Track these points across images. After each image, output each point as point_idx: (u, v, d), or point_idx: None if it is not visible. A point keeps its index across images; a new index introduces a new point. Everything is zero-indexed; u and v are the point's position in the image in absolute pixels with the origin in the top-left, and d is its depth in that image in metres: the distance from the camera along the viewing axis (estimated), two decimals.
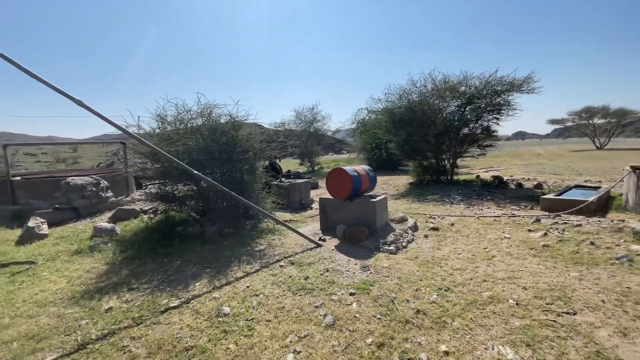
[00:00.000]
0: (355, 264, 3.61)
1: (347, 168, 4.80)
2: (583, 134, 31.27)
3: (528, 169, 14.24)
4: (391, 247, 4.01)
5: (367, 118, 18.39)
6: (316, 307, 2.65)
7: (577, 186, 7.17)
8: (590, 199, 5.60)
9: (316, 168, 20.33)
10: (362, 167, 5.16)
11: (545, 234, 4.37)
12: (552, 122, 33.32)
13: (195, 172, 3.83)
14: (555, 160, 18.06)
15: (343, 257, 3.85)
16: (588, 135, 30.44)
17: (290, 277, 3.30)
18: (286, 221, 5.73)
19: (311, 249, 4.20)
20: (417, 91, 9.90)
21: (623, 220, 4.80)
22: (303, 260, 3.75)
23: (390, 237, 4.28)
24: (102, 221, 5.75)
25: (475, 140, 10.12)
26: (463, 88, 9.35)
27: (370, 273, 3.35)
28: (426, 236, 4.66)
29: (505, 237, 4.40)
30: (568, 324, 2.25)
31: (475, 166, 16.21)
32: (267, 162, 9.00)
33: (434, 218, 5.73)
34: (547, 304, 2.54)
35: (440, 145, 10.29)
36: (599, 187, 6.80)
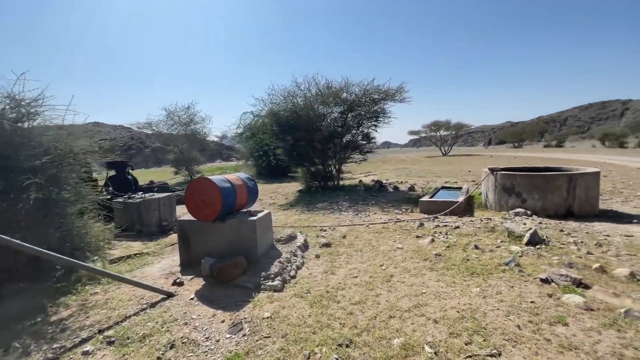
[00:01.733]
0: (222, 321, 2.43)
1: (216, 178, 3.56)
2: (432, 142, 38.66)
3: (398, 172, 15.94)
4: (276, 283, 3.00)
5: (253, 122, 17.21)
6: None
7: (443, 187, 7.98)
8: (459, 199, 6.07)
9: (196, 177, 17.79)
10: (238, 176, 4.01)
11: (433, 240, 4.23)
12: (411, 133, 40.09)
13: None
14: (416, 165, 21.14)
15: (205, 310, 2.61)
16: (435, 144, 37.77)
17: None
18: (134, 255, 4.02)
19: (157, 302, 2.78)
20: (302, 94, 9.42)
21: (490, 219, 5.22)
22: (133, 332, 2.31)
23: (275, 267, 3.27)
24: None
25: (357, 147, 10.37)
26: (345, 95, 9.40)
27: (244, 335, 2.24)
28: (318, 256, 3.88)
29: (397, 248, 4.04)
30: None
31: (356, 171, 17.22)
32: (109, 171, 6.73)
33: (324, 230, 5.08)
34: (466, 344, 2.00)
35: (327, 151, 10.11)
36: (461, 188, 7.70)
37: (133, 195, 5.69)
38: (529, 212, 5.44)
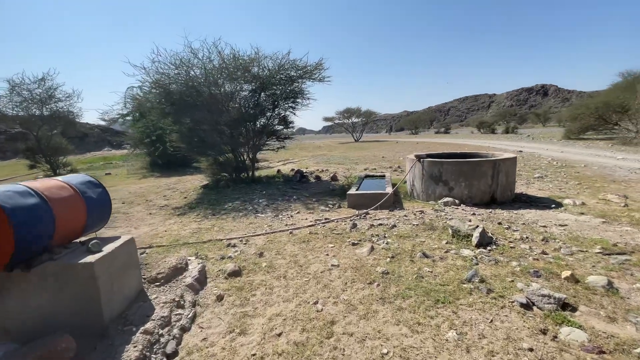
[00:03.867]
0: None
1: (4, 188, 1.85)
2: (345, 129, 39.81)
3: (317, 160, 15.30)
4: None
5: (144, 98, 13.91)
6: None
7: (367, 176, 7.43)
8: (387, 190, 5.46)
9: (66, 172, 13.68)
10: (65, 182, 2.30)
11: (372, 248, 3.37)
12: (326, 119, 40.41)
13: None
14: (333, 151, 21.01)
15: None
16: (348, 130, 38.99)
17: None
18: None
19: None
20: (201, 65, 7.52)
21: (422, 212, 4.70)
22: None
23: (136, 346, 1.84)
24: None
25: (273, 132, 9.07)
26: (256, 69, 7.90)
27: None
28: (220, 297, 2.57)
29: (333, 265, 3.04)
30: None
31: (273, 159, 15.91)
32: None
33: (234, 246, 3.74)
34: None
35: (237, 137, 8.52)
36: (384, 176, 7.25)
37: None
38: (457, 201, 5.17)
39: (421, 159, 5.60)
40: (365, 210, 4.95)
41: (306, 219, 4.81)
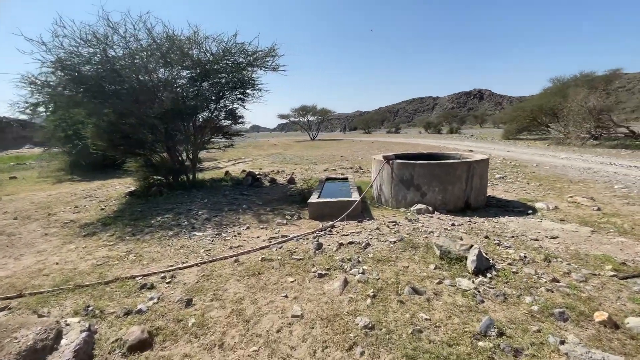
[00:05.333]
0: None
1: None
2: (301, 127, 38.90)
3: (272, 159, 14.21)
4: None
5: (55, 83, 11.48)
6: None
7: (328, 179, 6.62)
8: (354, 197, 4.70)
9: None
10: None
11: (346, 282, 2.53)
12: (281, 116, 39.01)
13: None
14: (289, 150, 20.01)
15: None
16: (304, 128, 38.15)
17: None
18: None
19: None
20: (123, 43, 6.03)
21: (395, 223, 4.00)
22: None
23: None
24: None
25: (219, 128, 7.83)
26: (196, 52, 6.63)
27: None
28: None
29: (294, 317, 2.13)
30: None
31: (222, 158, 14.43)
32: None
33: (151, 288, 2.63)
34: None
35: (174, 132, 7.14)
36: (347, 179, 6.51)
37: None
38: (430, 208, 4.59)
39: (390, 161, 4.93)
40: (330, 223, 4.11)
41: (258, 236, 3.82)
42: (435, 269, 2.72)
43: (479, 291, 2.34)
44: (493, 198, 5.38)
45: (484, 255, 2.73)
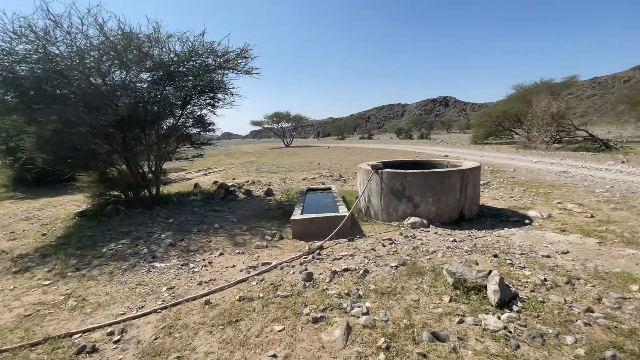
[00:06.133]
0: None
1: None
2: (275, 134, 38.14)
3: (246, 168, 13.48)
4: None
5: None
6: None
7: (310, 190, 6.11)
8: (342, 211, 4.23)
9: None
10: None
11: (349, 329, 2.04)
12: (254, 123, 38.00)
13: None
14: (263, 158, 19.28)
15: None
16: (278, 134, 37.43)
17: None
18: None
19: None
20: (68, 40, 5.20)
21: (392, 241, 3.57)
22: None
23: None
24: None
25: (187, 136, 7.09)
26: (157, 51, 5.92)
27: None
28: None
29: None
30: None
31: (191, 169, 13.47)
32: None
33: (93, 352, 1.97)
34: None
35: (134, 142, 6.33)
36: (330, 189, 6.03)
37: None
38: (425, 221, 4.23)
39: (379, 170, 4.53)
40: (318, 244, 3.60)
41: (233, 265, 3.22)
42: (450, 301, 2.30)
43: (510, 332, 1.93)
44: (483, 207, 5.15)
45: (506, 284, 2.34)
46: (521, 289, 2.42)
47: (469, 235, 3.72)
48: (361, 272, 2.82)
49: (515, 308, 2.16)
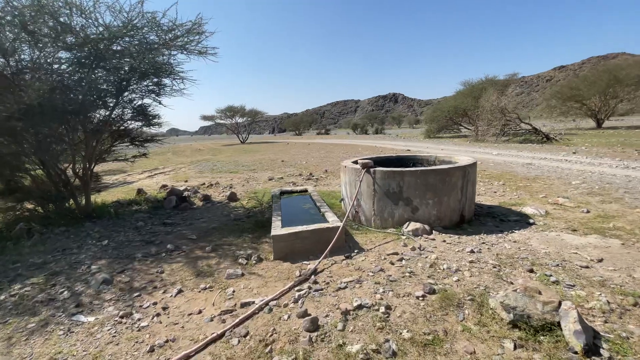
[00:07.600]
0: None
1: None
2: (229, 129, 35.84)
3: (199, 167, 12.04)
4: None
5: None
6: None
7: (284, 193, 5.24)
8: (330, 220, 3.48)
9: None
10: None
11: None
12: (204, 118, 35.20)
13: None
14: (218, 156, 17.71)
15: None
16: (232, 130, 35.24)
17: None
18: None
19: None
20: None
21: (398, 255, 2.93)
22: None
23: None
24: None
25: (126, 132, 5.74)
26: (80, 23, 4.55)
27: None
28: None
29: None
30: None
31: (133, 170, 11.65)
32: None
33: None
34: None
35: (53, 140, 4.89)
36: (307, 190, 5.23)
37: None
38: (426, 226, 3.67)
39: (370, 169, 3.87)
40: (310, 267, 2.82)
41: (200, 311, 2.30)
42: (515, 348, 1.69)
43: None
44: (478, 205, 4.79)
45: (586, 324, 1.80)
46: (591, 319, 1.91)
47: (483, 243, 3.23)
48: (382, 309, 2.11)
49: (605, 354, 1.63)
